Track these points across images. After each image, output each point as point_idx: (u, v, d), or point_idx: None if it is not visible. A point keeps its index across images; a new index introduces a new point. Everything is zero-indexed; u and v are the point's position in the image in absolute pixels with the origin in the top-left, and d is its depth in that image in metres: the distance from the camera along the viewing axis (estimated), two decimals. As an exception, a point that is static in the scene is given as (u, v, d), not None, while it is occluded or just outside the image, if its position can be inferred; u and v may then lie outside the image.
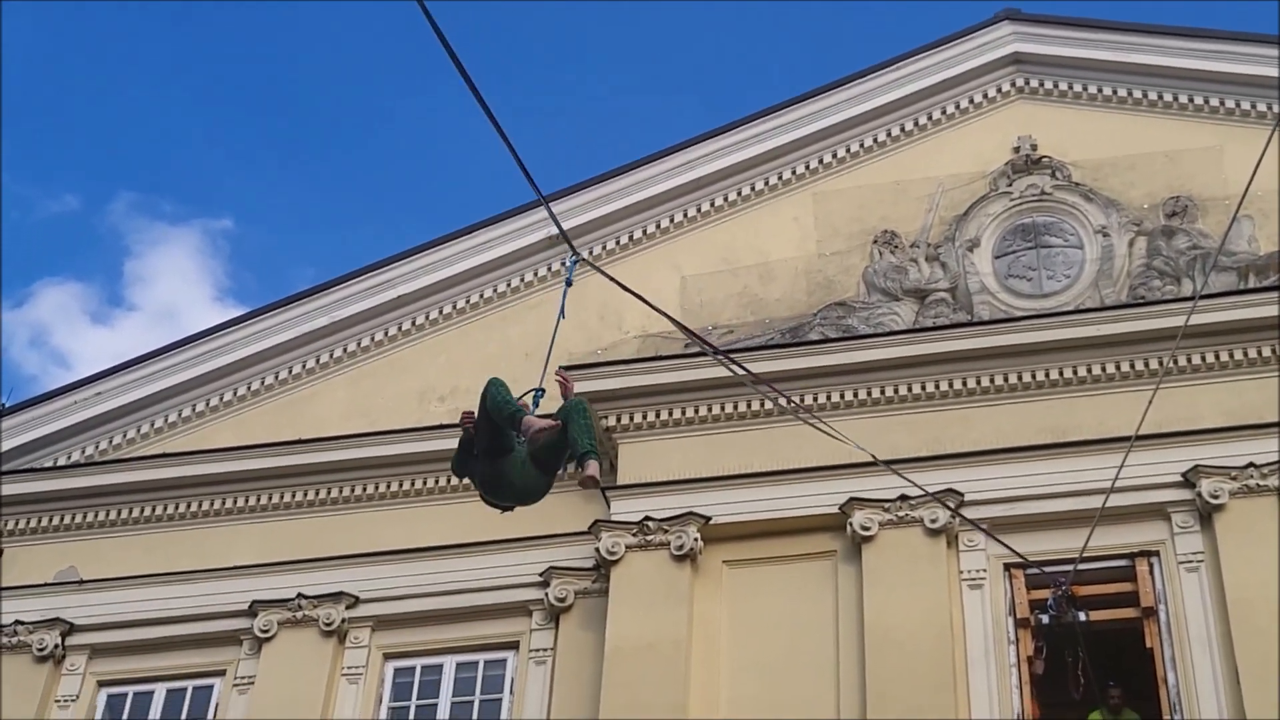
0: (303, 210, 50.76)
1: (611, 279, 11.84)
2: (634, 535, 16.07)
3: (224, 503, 17.78)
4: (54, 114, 49.52)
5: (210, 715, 16.62)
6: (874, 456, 13.88)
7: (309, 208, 50.63)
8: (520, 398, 10.85)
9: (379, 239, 54.55)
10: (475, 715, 16.12)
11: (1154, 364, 15.84)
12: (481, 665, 16.39)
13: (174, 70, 48.70)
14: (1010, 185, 17.85)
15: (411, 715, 16.27)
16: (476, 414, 10.74)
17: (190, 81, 49.19)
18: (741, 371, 14.60)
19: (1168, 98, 18.07)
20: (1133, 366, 16.10)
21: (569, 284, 12.20)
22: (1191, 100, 17.96)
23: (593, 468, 10.39)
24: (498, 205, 25.28)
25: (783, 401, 15.58)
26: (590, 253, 18.60)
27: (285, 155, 50.58)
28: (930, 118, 18.69)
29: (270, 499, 17.73)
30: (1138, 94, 18.18)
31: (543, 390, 11.19)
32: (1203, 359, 15.97)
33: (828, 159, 18.63)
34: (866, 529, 15.66)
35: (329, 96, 49.65)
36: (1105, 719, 15.12)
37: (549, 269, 18.74)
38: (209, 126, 49.76)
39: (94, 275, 54.26)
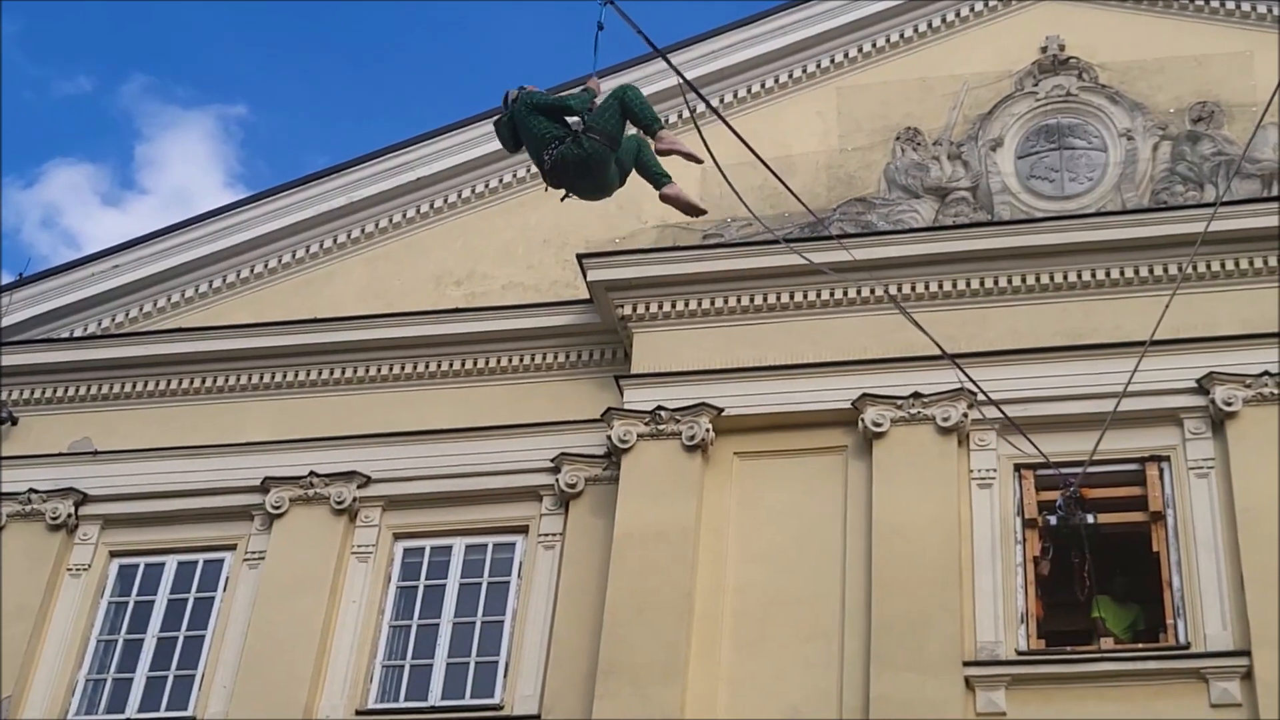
0: (317, 99, 50.54)
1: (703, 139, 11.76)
2: (646, 424, 16.12)
3: (238, 379, 17.85)
4: (70, -6, 49.23)
5: (220, 588, 16.77)
6: (943, 350, 13.77)
7: (324, 96, 50.41)
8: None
9: (394, 129, 54.32)
10: (483, 597, 16.24)
11: (1173, 269, 15.80)
12: (490, 548, 16.49)
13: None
14: (1036, 85, 17.71)
15: (420, 595, 16.40)
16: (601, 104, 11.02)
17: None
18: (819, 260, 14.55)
19: (1199, 1, 17.88)
20: (1151, 271, 16.06)
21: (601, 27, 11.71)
22: (1223, 4, 17.75)
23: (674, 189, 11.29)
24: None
25: (883, 289, 15.61)
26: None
27: (301, 42, 50.30)
28: (958, 14, 18.52)
29: (284, 377, 17.78)
30: (1169, -4, 18.02)
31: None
32: (1222, 266, 15.93)
33: (853, 53, 18.47)
34: (878, 425, 15.69)
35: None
36: (1109, 609, 15.22)
37: (569, 156, 18.63)
38: (224, 11, 49.42)
39: (105, 157, 54.20)
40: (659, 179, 11.32)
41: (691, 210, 11.42)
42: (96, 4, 49.57)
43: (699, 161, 11.35)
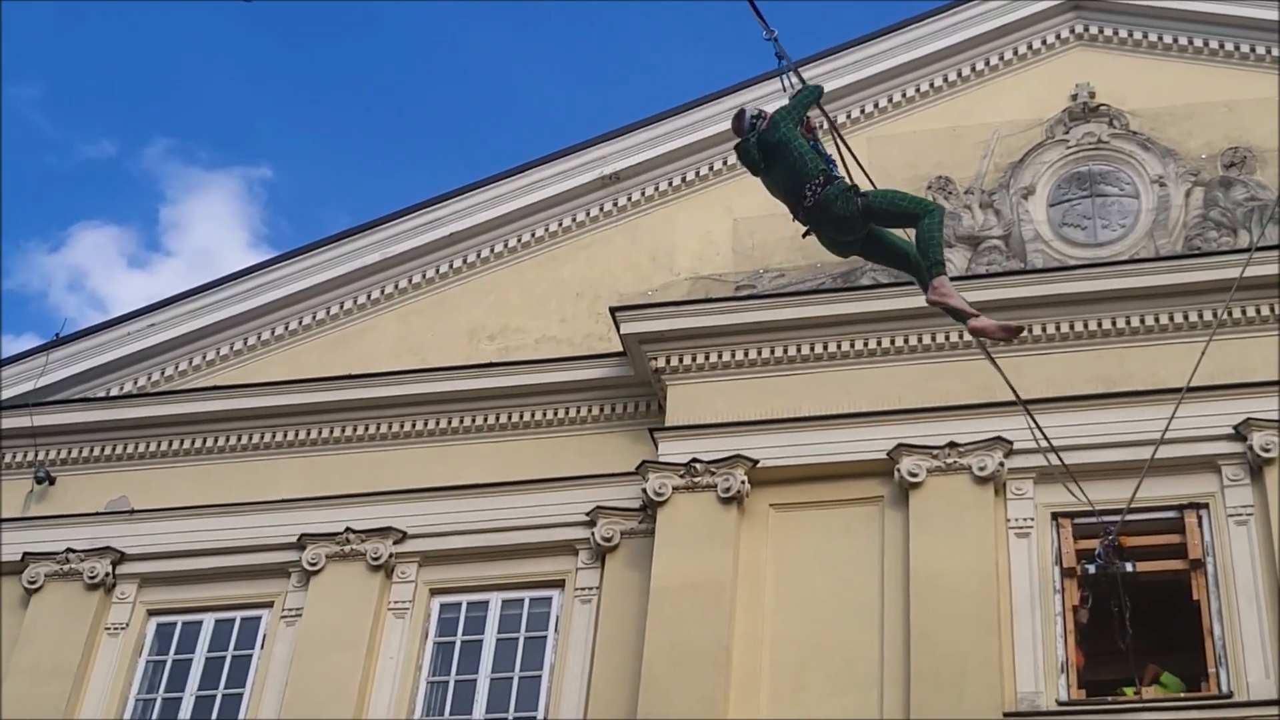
0: (340, 160, 50.77)
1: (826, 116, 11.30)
2: (681, 477, 16.10)
3: (274, 436, 17.90)
4: (91, 59, 49.65)
5: (258, 646, 16.76)
6: (1018, 395, 13.53)
7: (347, 157, 50.62)
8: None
9: (418, 188, 54.54)
10: (520, 652, 16.21)
11: (1208, 315, 15.75)
12: (527, 603, 16.47)
13: (211, 15, 48.69)
14: (1067, 133, 17.71)
15: (457, 651, 16.37)
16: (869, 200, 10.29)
17: (228, 27, 49.20)
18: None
19: (1229, 47, 17.88)
20: (1186, 318, 16.01)
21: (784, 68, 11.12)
22: (1253, 50, 17.76)
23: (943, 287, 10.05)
24: (538, 149, 25.14)
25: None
26: (643, 193, 18.59)
27: (323, 104, 50.54)
28: (987, 63, 18.56)
29: (319, 433, 17.82)
30: (1198, 42, 18.00)
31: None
32: (1257, 311, 15.87)
33: (883, 103, 18.52)
34: (914, 475, 15.65)
35: (370, 43, 49.52)
36: (1171, 682, 15.07)
37: (600, 209, 18.73)
38: (247, 73, 49.81)
39: (130, 220, 54.56)
40: (935, 267, 10.20)
41: (1009, 332, 10.47)
42: (118, 68, 50.00)
43: (975, 315, 10.36)
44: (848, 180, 10.53)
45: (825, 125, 11.18)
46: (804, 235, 10.83)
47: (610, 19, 49.35)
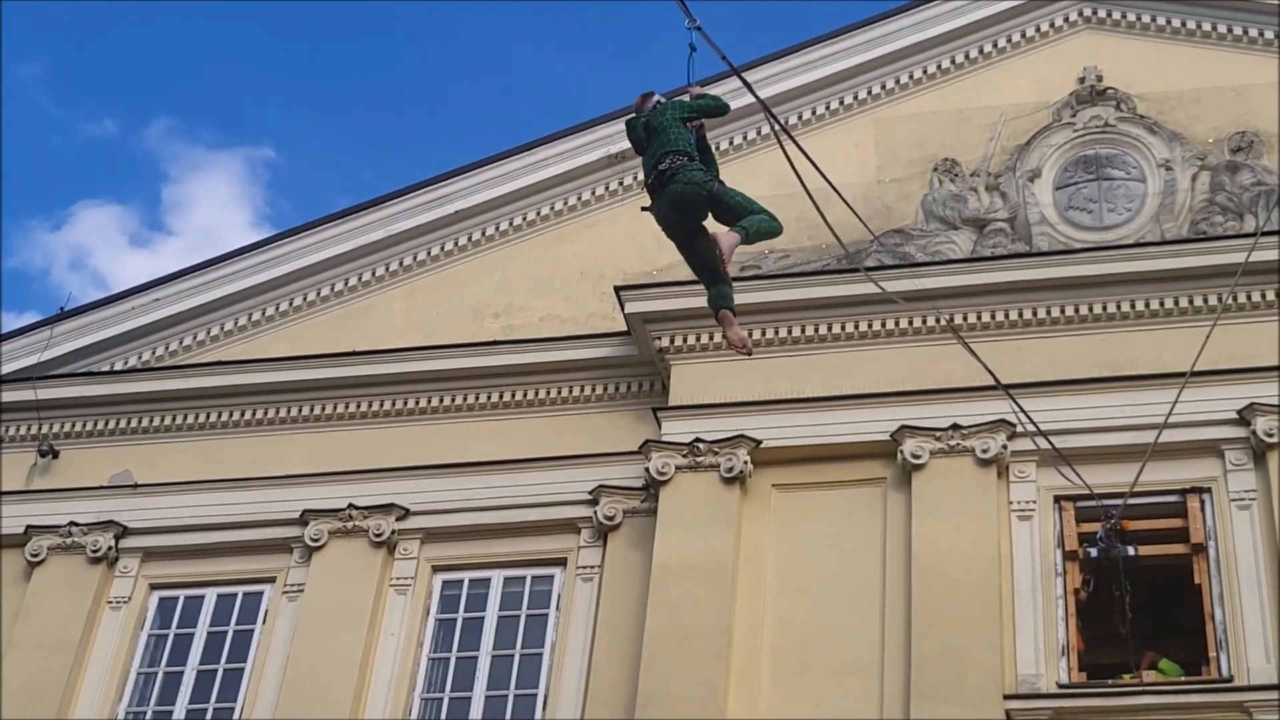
0: (343, 142, 50.74)
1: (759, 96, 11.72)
2: (684, 456, 16.10)
3: (277, 412, 17.91)
4: (94, 38, 49.60)
5: (259, 621, 16.80)
6: (996, 379, 13.71)
7: (350, 139, 50.58)
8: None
9: (419, 170, 54.44)
10: (521, 630, 16.24)
11: (1213, 300, 15.73)
12: (529, 580, 16.49)
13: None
14: (1074, 116, 17.68)
15: (458, 628, 16.40)
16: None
17: (231, 7, 49.11)
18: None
19: (1237, 31, 17.83)
20: (1191, 302, 15.99)
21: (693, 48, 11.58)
22: (1261, 34, 17.71)
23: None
24: (543, 130, 25.06)
25: (934, 319, 15.69)
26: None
27: (327, 85, 50.50)
28: (995, 46, 18.51)
29: (323, 409, 17.83)
30: (1206, 26, 17.94)
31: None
32: (1262, 296, 15.85)
33: (890, 85, 18.48)
34: (917, 457, 15.64)
35: (374, 25, 49.43)
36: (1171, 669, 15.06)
37: (605, 188, 18.72)
38: (250, 54, 49.75)
39: (133, 199, 54.56)
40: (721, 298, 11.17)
41: (743, 346, 11.36)
42: (121, 47, 49.97)
43: (748, 354, 11.64)
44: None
45: (768, 131, 11.50)
46: (643, 209, 11.09)
47: (617, 4, 49.29)
